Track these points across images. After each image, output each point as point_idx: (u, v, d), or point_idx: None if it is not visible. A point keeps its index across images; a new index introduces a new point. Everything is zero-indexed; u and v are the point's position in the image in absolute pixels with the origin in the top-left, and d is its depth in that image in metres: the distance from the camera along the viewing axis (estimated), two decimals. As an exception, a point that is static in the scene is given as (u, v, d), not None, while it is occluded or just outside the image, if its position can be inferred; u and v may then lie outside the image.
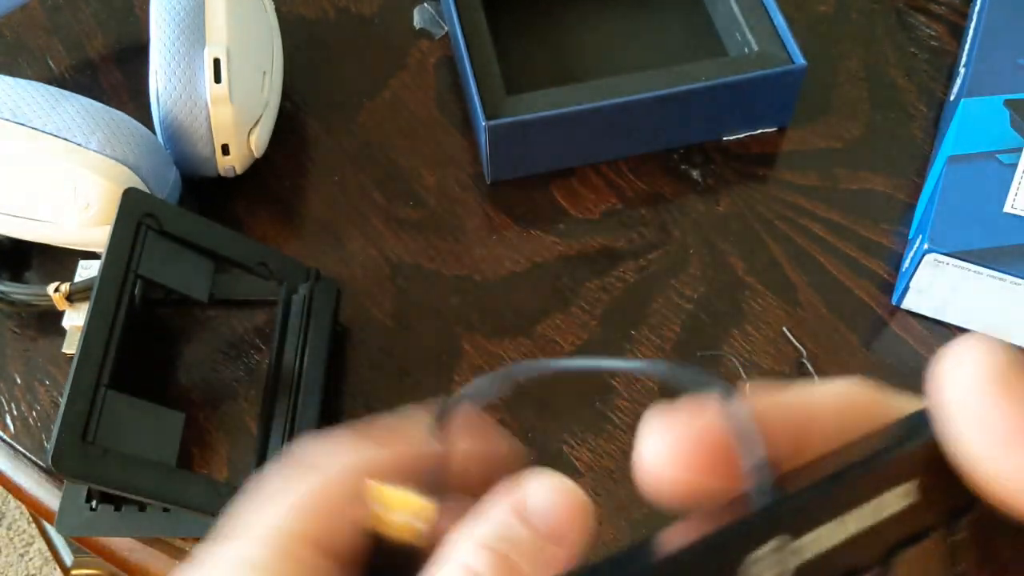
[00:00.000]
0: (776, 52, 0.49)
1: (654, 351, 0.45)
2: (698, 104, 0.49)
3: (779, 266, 0.47)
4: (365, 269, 0.48)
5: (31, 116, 0.43)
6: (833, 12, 0.56)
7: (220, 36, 0.46)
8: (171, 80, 0.45)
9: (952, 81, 0.52)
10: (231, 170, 0.48)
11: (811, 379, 0.43)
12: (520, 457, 0.24)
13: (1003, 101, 0.47)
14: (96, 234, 0.43)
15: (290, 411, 0.41)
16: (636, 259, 0.48)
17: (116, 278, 0.39)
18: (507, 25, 0.53)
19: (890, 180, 0.50)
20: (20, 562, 1.17)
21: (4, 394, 0.45)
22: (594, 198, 0.50)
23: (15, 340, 0.46)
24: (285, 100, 0.52)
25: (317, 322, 0.43)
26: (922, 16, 0.56)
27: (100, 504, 0.40)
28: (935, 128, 0.51)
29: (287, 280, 0.44)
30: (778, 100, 0.50)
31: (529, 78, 0.51)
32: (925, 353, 0.44)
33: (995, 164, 0.45)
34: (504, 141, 0.48)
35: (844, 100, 0.53)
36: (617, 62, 0.53)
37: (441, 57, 0.55)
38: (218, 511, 0.37)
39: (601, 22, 0.55)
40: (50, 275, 0.46)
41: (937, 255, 0.42)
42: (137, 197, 0.40)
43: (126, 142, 0.44)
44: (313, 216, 0.50)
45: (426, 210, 0.50)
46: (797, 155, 0.51)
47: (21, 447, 0.44)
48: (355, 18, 0.57)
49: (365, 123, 0.53)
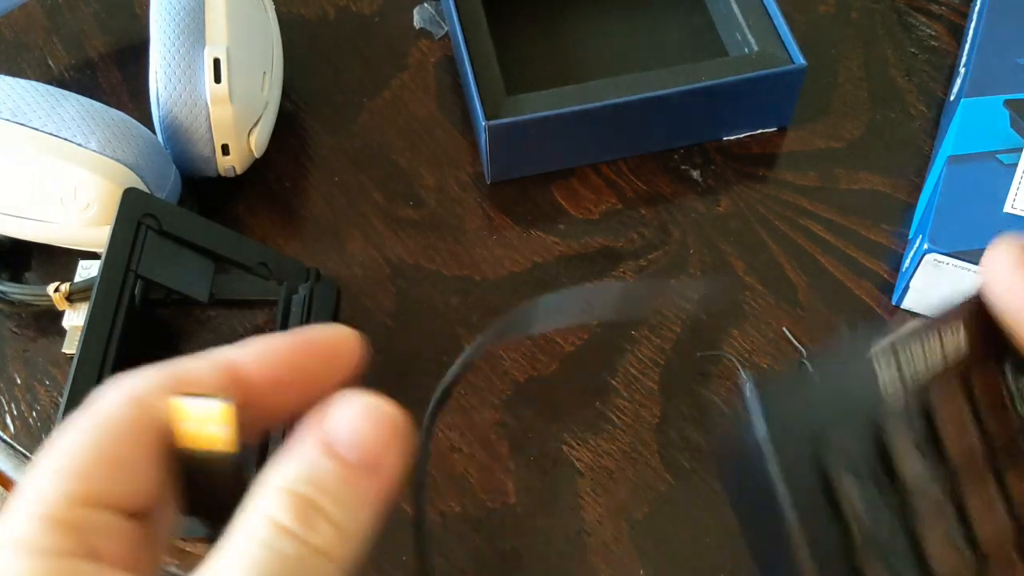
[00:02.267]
0: (776, 52, 0.49)
1: (654, 351, 0.45)
2: (698, 104, 0.49)
3: (779, 266, 0.47)
4: (365, 269, 0.48)
5: (31, 116, 0.43)
6: (833, 12, 0.56)
7: (220, 36, 0.46)
8: (171, 80, 0.45)
9: (952, 81, 0.52)
10: (231, 170, 0.48)
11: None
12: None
13: (1003, 101, 0.47)
14: (96, 234, 0.43)
15: (290, 411, 0.41)
16: (636, 259, 0.48)
17: (116, 278, 0.39)
18: (507, 25, 0.53)
19: (890, 180, 0.50)
20: (20, 562, 1.17)
21: (4, 394, 0.45)
22: (594, 198, 0.50)
23: (15, 340, 0.46)
24: (285, 100, 0.52)
25: (317, 322, 0.43)
26: (922, 16, 0.56)
27: (100, 504, 0.40)
28: (935, 128, 0.51)
29: (287, 280, 0.44)
30: (778, 100, 0.50)
31: (529, 78, 0.51)
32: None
33: (995, 164, 0.45)
34: (504, 141, 0.48)
35: (844, 100, 0.53)
36: (617, 62, 0.53)
37: (441, 57, 0.55)
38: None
39: (601, 22, 0.55)
40: (50, 275, 0.46)
41: (937, 255, 0.42)
42: (137, 197, 0.40)
43: (126, 142, 0.44)
44: (313, 216, 0.50)
45: (426, 210, 0.50)
46: (797, 155, 0.51)
47: (21, 447, 0.44)
48: (355, 18, 0.57)
49: (365, 123, 0.53)
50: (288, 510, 0.19)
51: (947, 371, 0.21)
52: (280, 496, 0.19)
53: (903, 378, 0.21)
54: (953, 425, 0.21)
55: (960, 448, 0.21)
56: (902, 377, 0.21)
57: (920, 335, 0.21)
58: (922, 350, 0.21)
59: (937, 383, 0.21)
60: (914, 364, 0.21)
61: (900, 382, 0.21)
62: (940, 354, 0.21)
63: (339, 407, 0.20)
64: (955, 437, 0.21)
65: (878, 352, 0.21)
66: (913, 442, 0.21)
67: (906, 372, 0.21)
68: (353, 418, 0.20)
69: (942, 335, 0.21)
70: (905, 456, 0.21)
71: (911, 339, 0.21)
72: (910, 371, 0.21)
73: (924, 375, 0.21)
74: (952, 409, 0.21)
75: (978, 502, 0.21)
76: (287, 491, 0.19)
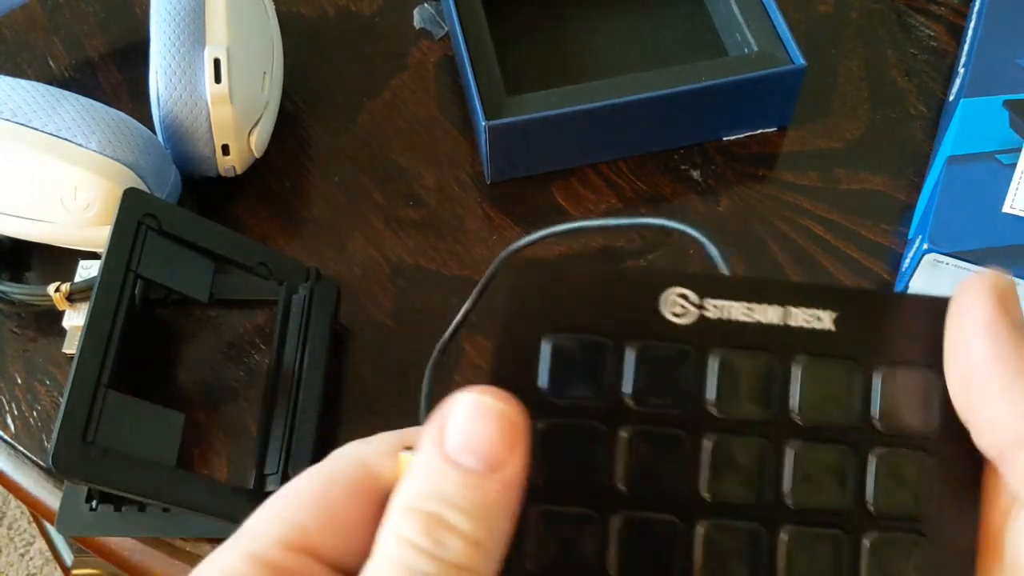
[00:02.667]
0: (776, 52, 0.49)
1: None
2: (698, 104, 0.49)
3: (779, 266, 0.47)
4: (365, 269, 0.48)
5: (31, 116, 0.43)
6: (833, 12, 0.56)
7: (220, 36, 0.46)
8: (171, 80, 0.45)
9: (951, 81, 0.52)
10: (231, 170, 0.48)
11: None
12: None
13: (1003, 102, 0.47)
14: (96, 234, 0.43)
15: (290, 411, 0.41)
16: (636, 259, 0.48)
17: (116, 278, 0.39)
18: (507, 25, 0.53)
19: (890, 180, 0.50)
20: (21, 562, 1.17)
21: (4, 394, 0.45)
22: (594, 198, 0.50)
23: (15, 340, 0.46)
24: (285, 100, 0.52)
25: (317, 322, 0.44)
26: (922, 16, 0.56)
27: (100, 504, 0.40)
28: (935, 128, 0.51)
29: (287, 280, 0.44)
30: (778, 100, 0.50)
31: (529, 78, 0.51)
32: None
33: (994, 164, 0.45)
34: (504, 141, 0.48)
35: (844, 100, 0.53)
36: (617, 62, 0.53)
37: (441, 57, 0.55)
38: (218, 511, 0.37)
39: (601, 22, 0.55)
40: (50, 275, 0.46)
41: (937, 255, 0.42)
42: (137, 197, 0.40)
43: (126, 142, 0.44)
44: (313, 216, 0.50)
45: (426, 210, 0.50)
46: (797, 155, 0.51)
47: (21, 447, 0.44)
48: (355, 18, 0.57)
49: (365, 123, 0.53)
50: (417, 529, 0.19)
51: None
52: (408, 516, 0.19)
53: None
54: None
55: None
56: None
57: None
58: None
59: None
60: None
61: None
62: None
63: (452, 410, 0.20)
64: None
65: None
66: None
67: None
68: (466, 420, 0.19)
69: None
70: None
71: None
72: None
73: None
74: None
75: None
76: (414, 510, 0.19)
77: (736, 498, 0.21)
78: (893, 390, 0.21)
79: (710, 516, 0.21)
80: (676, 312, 0.21)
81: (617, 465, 0.21)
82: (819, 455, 0.21)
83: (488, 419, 0.19)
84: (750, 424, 0.21)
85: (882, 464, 0.21)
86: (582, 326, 0.21)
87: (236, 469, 0.43)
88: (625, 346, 0.21)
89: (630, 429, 0.21)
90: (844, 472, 0.21)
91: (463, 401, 0.19)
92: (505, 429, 0.19)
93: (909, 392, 0.21)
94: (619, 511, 0.21)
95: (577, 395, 0.21)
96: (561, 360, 0.21)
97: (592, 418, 0.21)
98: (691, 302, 0.21)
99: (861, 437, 0.21)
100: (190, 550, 0.41)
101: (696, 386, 0.21)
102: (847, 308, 0.22)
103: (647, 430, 0.21)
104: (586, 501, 0.21)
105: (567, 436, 0.21)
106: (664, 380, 0.21)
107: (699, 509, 0.21)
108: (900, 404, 0.21)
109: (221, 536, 0.40)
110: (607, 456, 0.21)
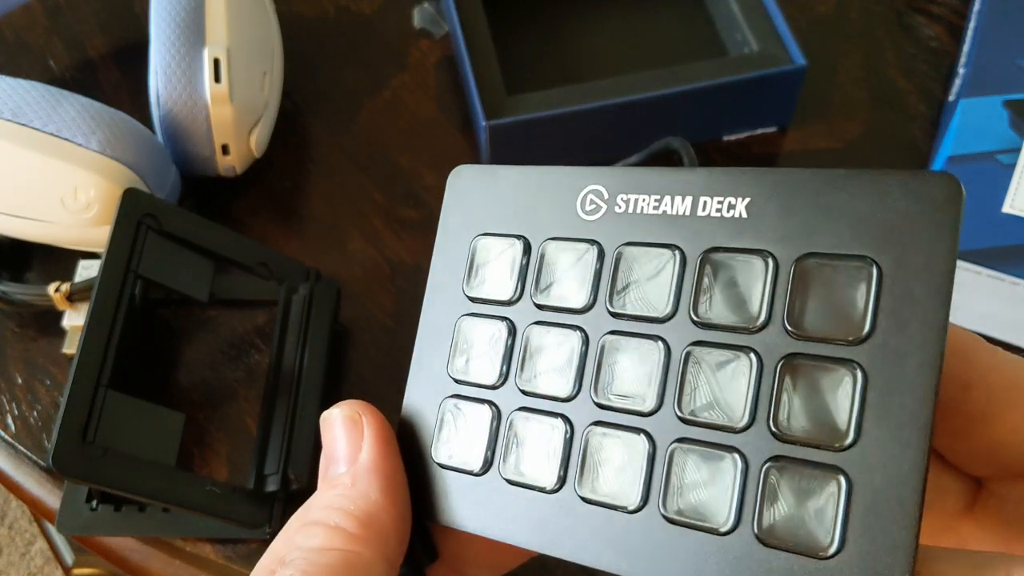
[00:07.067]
0: (776, 52, 0.49)
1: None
2: (698, 104, 0.49)
3: (779, 266, 0.47)
4: (365, 269, 0.48)
5: (31, 116, 0.43)
6: (833, 12, 0.56)
7: (220, 36, 0.46)
8: (171, 80, 0.45)
9: (951, 81, 0.52)
10: (231, 170, 0.48)
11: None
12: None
13: (1002, 102, 0.47)
14: (96, 234, 0.43)
15: (290, 411, 0.41)
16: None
17: (116, 278, 0.39)
18: (507, 25, 0.53)
19: (890, 180, 0.50)
20: (22, 561, 1.17)
21: (5, 394, 0.45)
22: (594, 198, 0.50)
23: (15, 340, 0.46)
24: (285, 100, 0.52)
25: (317, 322, 0.44)
26: (922, 17, 0.56)
27: (100, 504, 0.40)
28: (935, 128, 0.51)
29: (287, 280, 0.44)
30: (778, 100, 0.50)
31: (529, 78, 0.51)
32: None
33: (994, 164, 0.45)
34: (504, 141, 0.48)
35: (844, 100, 0.53)
36: (617, 62, 0.53)
37: (441, 57, 0.55)
38: (218, 511, 0.37)
39: (601, 22, 0.55)
40: (50, 275, 0.46)
41: (937, 255, 0.42)
42: (137, 197, 0.40)
43: (126, 142, 0.44)
44: (313, 216, 0.50)
45: (426, 210, 0.50)
46: (797, 155, 0.51)
47: (22, 447, 0.44)
48: (355, 18, 0.57)
49: (365, 123, 0.53)
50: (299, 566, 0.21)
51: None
52: (304, 528, 0.21)
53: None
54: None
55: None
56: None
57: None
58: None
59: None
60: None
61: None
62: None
63: (323, 431, 0.23)
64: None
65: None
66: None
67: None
68: (324, 437, 0.23)
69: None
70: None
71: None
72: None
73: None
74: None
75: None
76: (308, 522, 0.22)
77: (630, 404, 0.21)
78: (808, 284, 0.19)
79: (601, 413, 0.21)
80: (588, 209, 0.22)
81: (522, 360, 0.22)
82: (716, 359, 0.20)
83: (330, 428, 0.23)
84: (649, 320, 0.21)
85: (790, 377, 0.19)
86: (508, 227, 0.23)
87: (236, 469, 0.43)
88: (532, 245, 0.23)
89: (535, 328, 0.22)
90: (746, 388, 0.19)
91: (325, 419, 0.23)
92: (348, 427, 0.23)
93: (830, 286, 0.19)
94: (519, 409, 0.22)
95: (494, 294, 0.23)
96: (484, 260, 0.24)
97: (504, 315, 0.23)
98: (602, 199, 0.22)
99: (768, 340, 0.19)
100: (190, 550, 0.41)
101: (593, 284, 0.22)
102: (760, 192, 0.20)
103: (546, 328, 0.22)
104: (488, 391, 0.23)
105: (480, 330, 0.23)
106: (565, 279, 0.22)
107: (588, 408, 0.21)
108: (817, 301, 0.19)
109: (221, 536, 0.40)
110: (508, 352, 0.23)
